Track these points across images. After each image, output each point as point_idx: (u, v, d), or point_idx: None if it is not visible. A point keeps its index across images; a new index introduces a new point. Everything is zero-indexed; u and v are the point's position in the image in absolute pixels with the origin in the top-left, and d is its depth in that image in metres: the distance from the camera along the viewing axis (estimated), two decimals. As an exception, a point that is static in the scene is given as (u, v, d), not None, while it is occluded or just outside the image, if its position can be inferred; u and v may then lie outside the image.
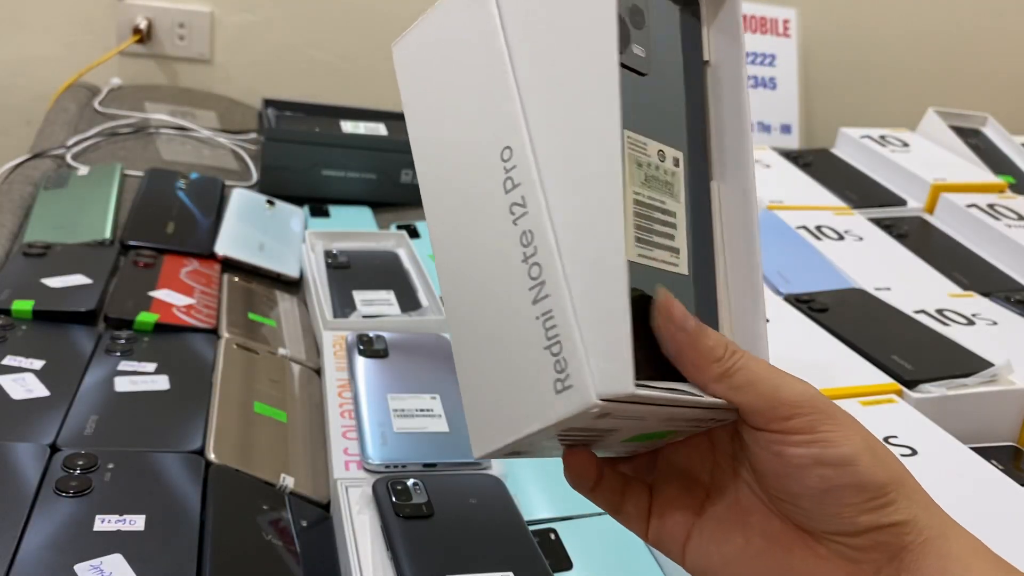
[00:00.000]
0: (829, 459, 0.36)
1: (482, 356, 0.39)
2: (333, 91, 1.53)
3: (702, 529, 0.40)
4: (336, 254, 0.92)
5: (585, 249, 0.35)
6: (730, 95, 0.41)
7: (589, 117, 0.36)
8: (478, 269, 0.39)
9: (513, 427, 0.36)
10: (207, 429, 0.64)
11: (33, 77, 1.48)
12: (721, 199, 0.41)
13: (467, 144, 0.40)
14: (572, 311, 0.35)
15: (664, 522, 0.41)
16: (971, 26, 1.76)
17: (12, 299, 0.76)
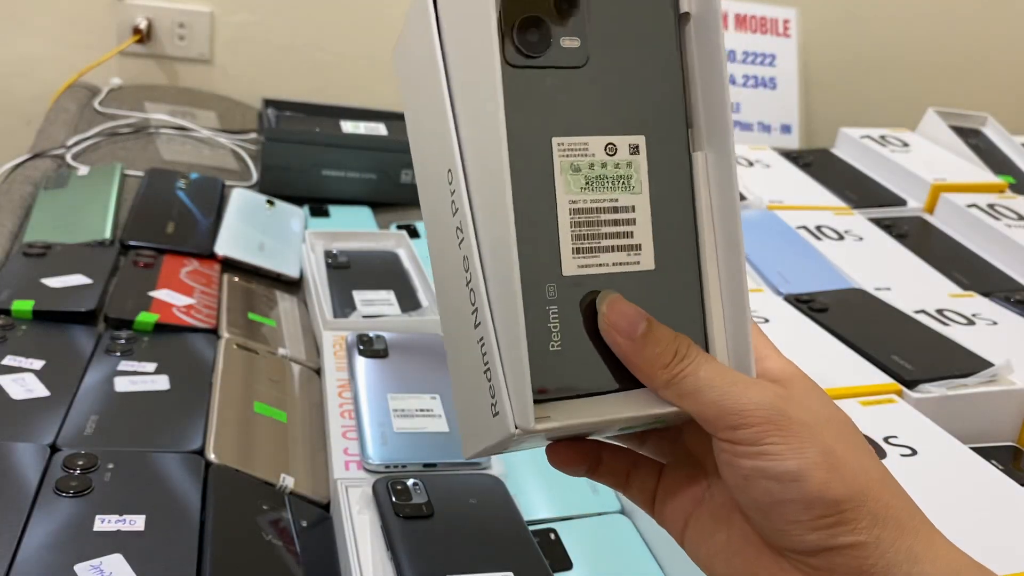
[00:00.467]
0: (773, 472, 0.35)
1: (457, 368, 0.40)
2: (333, 91, 1.53)
3: (697, 519, 0.40)
4: (336, 254, 0.92)
5: (499, 276, 0.35)
6: (709, 48, 0.38)
7: (486, 139, 0.34)
8: (447, 289, 0.39)
9: (479, 438, 0.38)
10: (207, 429, 0.64)
11: (33, 77, 1.48)
12: (708, 169, 0.38)
13: (432, 159, 0.39)
14: (495, 340, 0.35)
15: (666, 507, 0.41)
16: (971, 26, 1.76)
17: (12, 299, 0.76)
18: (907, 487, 0.54)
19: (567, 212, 0.36)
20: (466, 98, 0.36)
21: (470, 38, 0.35)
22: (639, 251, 0.37)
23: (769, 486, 0.35)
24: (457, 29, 0.36)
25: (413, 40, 0.39)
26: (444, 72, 0.36)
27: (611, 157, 0.37)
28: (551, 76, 0.36)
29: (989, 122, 1.37)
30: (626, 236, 0.37)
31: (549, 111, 0.35)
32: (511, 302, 0.34)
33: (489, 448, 0.37)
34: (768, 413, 0.35)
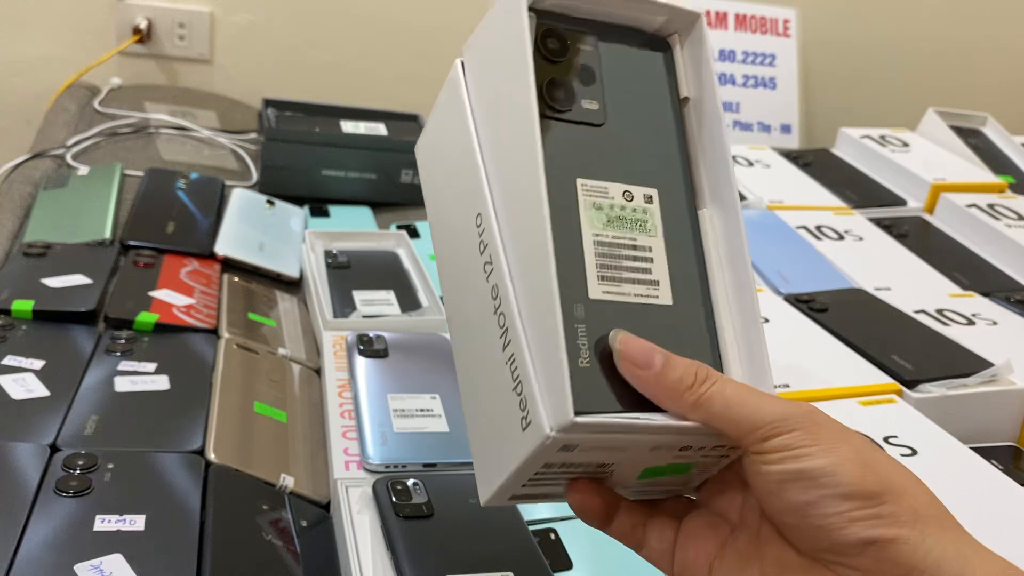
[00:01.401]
0: (807, 471, 0.35)
1: (478, 405, 0.42)
2: (333, 91, 1.53)
3: (723, 561, 0.40)
4: (336, 254, 0.92)
5: (533, 294, 0.38)
6: (709, 126, 0.43)
7: (522, 175, 0.39)
8: (471, 327, 0.42)
9: (500, 469, 0.39)
10: (207, 429, 0.64)
11: (33, 77, 1.48)
12: (714, 224, 0.43)
13: (458, 216, 0.43)
14: (527, 352, 0.37)
15: (688, 554, 0.41)
16: (971, 26, 1.76)
17: (12, 299, 0.76)
18: (907, 487, 0.54)
19: (591, 243, 0.39)
20: (500, 146, 0.41)
21: (508, 94, 0.40)
22: (657, 287, 0.40)
23: (804, 485, 0.36)
24: (491, 91, 0.42)
25: (443, 116, 0.45)
26: (475, 132, 0.42)
27: (628, 202, 0.41)
28: (575, 129, 0.41)
29: (989, 122, 1.37)
30: (645, 272, 0.40)
31: (574, 157, 0.40)
32: (548, 311, 0.37)
33: (512, 477, 0.38)
34: (799, 421, 0.36)
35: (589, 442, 0.36)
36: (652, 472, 0.40)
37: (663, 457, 0.39)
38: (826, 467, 0.35)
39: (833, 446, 0.36)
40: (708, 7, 1.57)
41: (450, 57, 0.46)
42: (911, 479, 0.37)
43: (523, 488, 0.39)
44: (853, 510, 0.35)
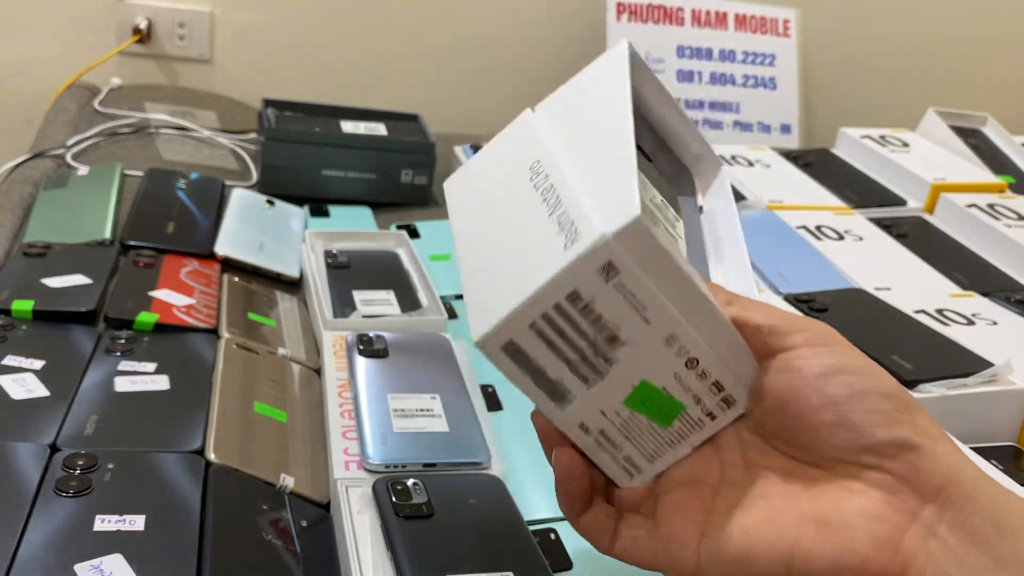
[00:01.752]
0: (849, 367, 0.36)
1: (491, 256, 0.42)
2: (333, 91, 1.53)
3: (713, 520, 0.39)
4: (336, 254, 0.92)
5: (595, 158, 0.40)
6: (726, 232, 0.50)
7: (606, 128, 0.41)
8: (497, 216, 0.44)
9: (517, 293, 0.37)
10: (207, 429, 0.64)
11: (33, 77, 1.48)
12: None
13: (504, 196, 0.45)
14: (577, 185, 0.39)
15: (671, 528, 0.40)
16: (971, 26, 1.76)
17: (12, 299, 0.76)
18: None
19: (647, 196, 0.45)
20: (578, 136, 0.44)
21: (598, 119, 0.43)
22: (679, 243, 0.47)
23: (847, 380, 0.36)
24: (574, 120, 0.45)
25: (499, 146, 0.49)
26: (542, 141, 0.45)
27: (667, 212, 0.48)
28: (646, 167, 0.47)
29: (989, 122, 1.37)
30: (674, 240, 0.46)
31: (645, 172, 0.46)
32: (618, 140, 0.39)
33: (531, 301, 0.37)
34: (825, 329, 0.38)
35: (630, 273, 0.36)
36: (641, 397, 0.39)
37: (667, 367, 0.39)
38: (867, 365, 0.36)
39: (862, 354, 0.37)
40: (708, 7, 1.57)
41: (450, 57, 0.47)
42: None
43: (527, 334, 0.38)
44: (894, 411, 0.35)
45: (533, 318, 0.37)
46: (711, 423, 0.41)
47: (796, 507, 0.37)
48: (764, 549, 0.37)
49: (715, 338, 0.38)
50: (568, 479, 0.41)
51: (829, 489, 0.37)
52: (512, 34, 1.61)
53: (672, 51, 1.56)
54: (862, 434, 0.35)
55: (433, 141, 1.15)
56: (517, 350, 0.38)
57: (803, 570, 0.36)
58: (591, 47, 1.58)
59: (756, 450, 0.40)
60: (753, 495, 0.39)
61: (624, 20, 1.53)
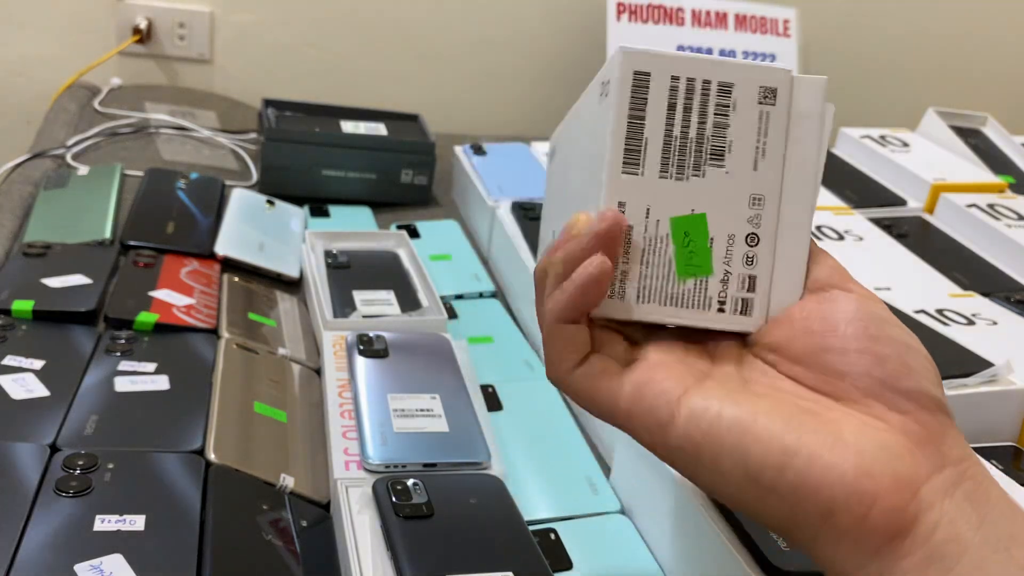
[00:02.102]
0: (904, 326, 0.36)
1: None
2: (333, 91, 1.53)
3: (706, 387, 0.36)
4: (336, 254, 0.92)
5: None
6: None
7: None
8: None
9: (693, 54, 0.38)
10: (207, 429, 0.64)
11: (33, 77, 1.48)
12: None
13: None
14: None
15: (654, 376, 0.36)
16: (971, 26, 1.76)
17: (12, 299, 0.76)
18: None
19: None
20: None
21: None
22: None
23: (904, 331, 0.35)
24: None
25: None
26: None
27: None
28: None
29: (989, 122, 1.37)
30: None
31: None
32: None
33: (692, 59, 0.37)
34: None
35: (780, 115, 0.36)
36: (686, 228, 0.37)
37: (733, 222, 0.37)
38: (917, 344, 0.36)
39: None
40: (708, 7, 1.57)
41: (450, 57, 0.46)
42: None
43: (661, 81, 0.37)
44: (939, 379, 0.35)
45: (682, 73, 0.37)
46: (715, 315, 0.38)
47: (809, 417, 0.34)
48: (764, 432, 0.33)
49: (788, 236, 0.37)
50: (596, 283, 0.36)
51: (848, 417, 0.34)
52: (512, 34, 1.61)
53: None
54: (911, 377, 0.34)
55: (433, 141, 1.15)
56: (643, 86, 0.37)
57: (803, 475, 0.32)
58: (591, 47, 1.58)
59: (758, 371, 0.37)
60: (755, 393, 0.35)
61: (624, 20, 1.53)
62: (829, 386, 0.35)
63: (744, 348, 0.38)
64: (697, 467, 0.35)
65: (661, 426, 0.35)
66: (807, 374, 0.36)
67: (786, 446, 0.33)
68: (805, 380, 0.36)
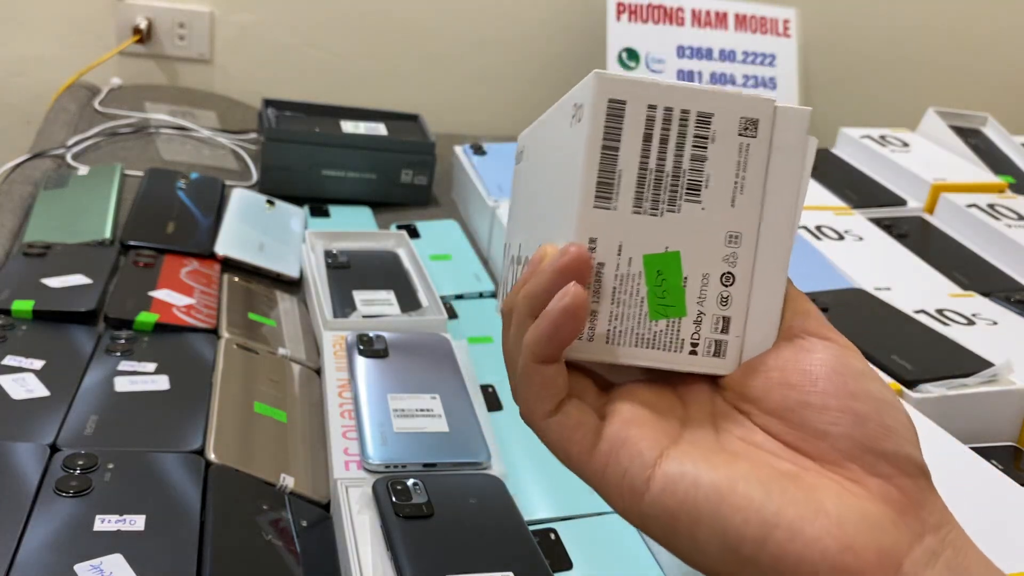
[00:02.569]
0: (882, 379, 0.34)
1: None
2: (333, 91, 1.53)
3: (682, 449, 0.34)
4: (336, 254, 0.92)
5: None
6: None
7: None
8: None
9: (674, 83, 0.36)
10: (207, 429, 0.64)
11: (33, 77, 1.48)
12: None
13: None
14: None
15: (630, 436, 0.34)
16: (971, 26, 1.76)
17: (12, 299, 0.76)
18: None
19: None
20: None
21: None
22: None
23: (884, 386, 0.34)
24: None
25: None
26: None
27: None
28: None
29: (989, 122, 1.37)
30: None
31: None
32: None
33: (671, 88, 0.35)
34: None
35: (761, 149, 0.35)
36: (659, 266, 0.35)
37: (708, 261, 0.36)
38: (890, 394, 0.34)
39: None
40: (708, 7, 1.57)
41: (450, 57, 0.45)
42: None
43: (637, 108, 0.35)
44: (917, 437, 0.34)
45: (659, 101, 0.35)
46: (687, 357, 0.36)
47: (790, 483, 0.32)
48: (743, 501, 0.32)
49: (765, 276, 0.35)
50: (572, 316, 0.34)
51: (827, 482, 0.32)
52: (512, 34, 1.61)
53: (672, 51, 1.56)
54: (891, 439, 0.33)
55: (433, 141, 1.15)
56: (617, 115, 0.35)
57: (785, 549, 0.31)
58: (591, 47, 1.58)
59: (732, 422, 0.35)
60: (731, 453, 0.34)
61: (624, 20, 1.53)
62: (807, 444, 0.34)
63: (715, 391, 0.37)
64: (673, 537, 0.33)
65: (635, 493, 0.33)
66: (784, 429, 0.34)
67: (766, 518, 0.31)
68: (781, 435, 0.34)
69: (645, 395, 0.36)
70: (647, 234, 0.35)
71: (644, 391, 0.36)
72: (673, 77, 1.56)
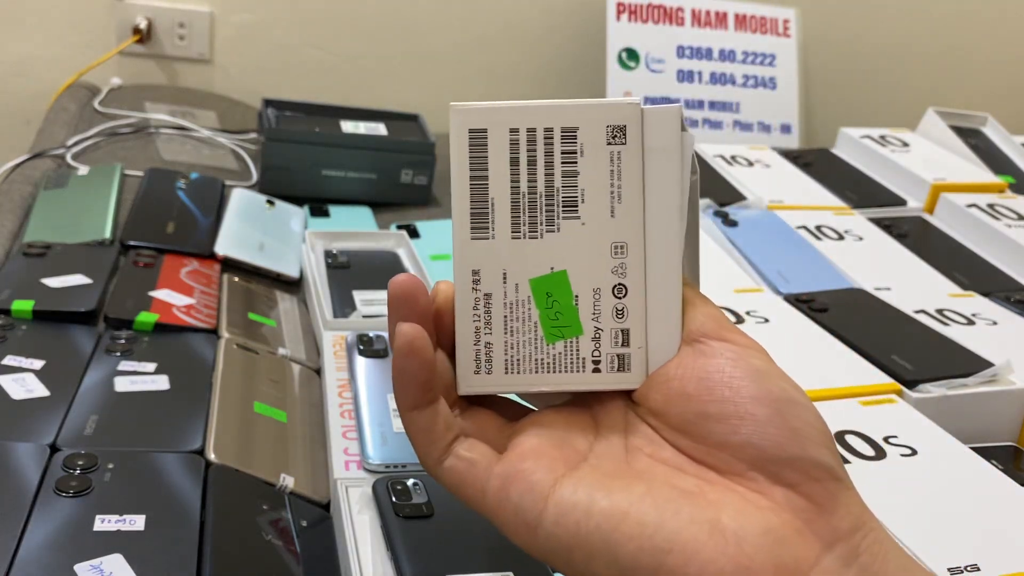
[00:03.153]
0: (786, 377, 0.32)
1: None
2: (333, 91, 1.53)
3: (577, 477, 0.32)
4: (336, 254, 0.92)
5: None
6: None
7: None
8: None
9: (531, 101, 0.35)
10: (207, 429, 0.64)
11: (33, 77, 1.48)
12: None
13: None
14: None
15: (524, 469, 0.33)
16: (971, 26, 1.76)
17: (12, 299, 0.76)
18: (907, 487, 0.54)
19: None
20: None
21: None
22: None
23: (787, 385, 0.32)
24: None
25: None
26: None
27: None
28: None
29: (989, 122, 1.37)
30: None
31: None
32: None
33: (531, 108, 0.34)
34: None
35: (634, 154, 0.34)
36: (547, 288, 0.35)
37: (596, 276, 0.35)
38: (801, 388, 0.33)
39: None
40: (708, 7, 1.57)
41: (450, 57, 0.45)
42: None
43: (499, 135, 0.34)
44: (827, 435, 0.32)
45: (520, 124, 0.34)
46: (591, 376, 0.35)
47: (686, 502, 0.31)
48: (635, 528, 0.30)
49: (658, 282, 0.34)
50: (408, 355, 0.33)
51: (730, 496, 0.31)
52: (512, 34, 1.61)
53: (672, 51, 1.56)
54: (795, 443, 0.31)
55: (433, 141, 1.15)
56: (480, 144, 0.34)
57: (676, 573, 0.30)
58: (591, 47, 1.58)
59: (643, 438, 0.34)
60: (632, 475, 0.33)
61: (624, 20, 1.53)
62: (711, 457, 0.32)
63: (628, 407, 0.35)
64: (569, 568, 0.32)
65: (528, 527, 0.32)
66: (688, 443, 0.33)
67: (658, 543, 0.30)
68: (687, 449, 0.33)
69: (553, 420, 0.35)
70: (530, 258, 0.35)
71: (553, 417, 0.35)
72: (673, 77, 1.56)
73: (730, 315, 0.80)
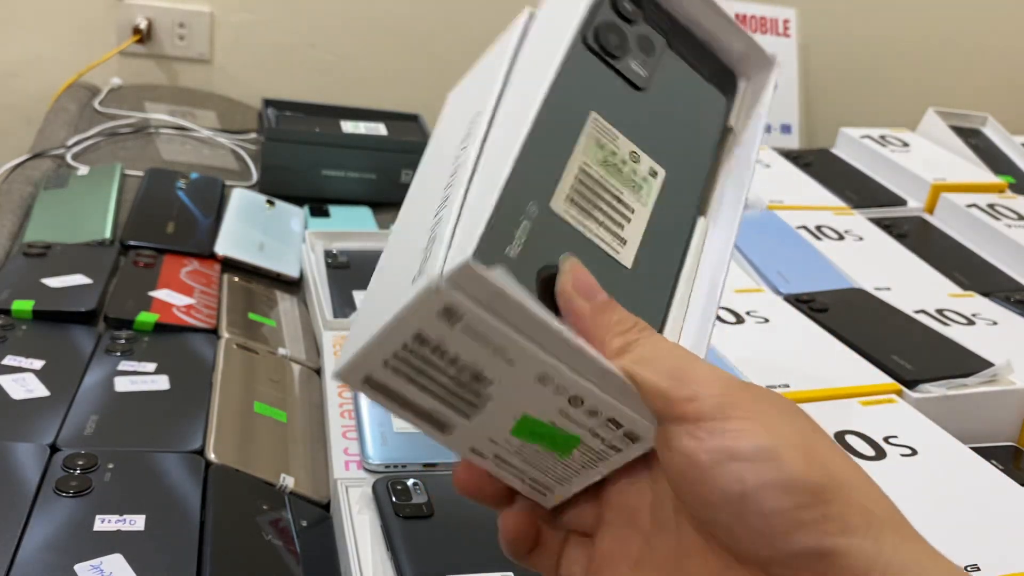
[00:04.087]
0: (743, 451, 0.29)
1: (379, 285, 0.39)
2: (333, 91, 1.53)
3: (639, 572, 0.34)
4: (336, 254, 0.92)
5: (494, 153, 0.35)
6: (741, 154, 0.43)
7: (536, 75, 0.37)
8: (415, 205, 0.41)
9: (368, 332, 0.32)
10: (207, 429, 0.64)
11: (33, 77, 1.48)
12: (706, 234, 0.41)
13: (451, 134, 0.41)
14: (460, 200, 0.33)
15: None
16: (971, 26, 1.76)
17: (12, 299, 0.76)
18: (907, 487, 0.54)
19: (577, 168, 0.36)
20: (529, 63, 0.39)
21: (557, 19, 0.38)
22: (623, 244, 0.37)
23: (739, 469, 0.29)
24: (546, 25, 0.40)
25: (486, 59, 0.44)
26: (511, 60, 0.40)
27: (633, 163, 0.38)
28: (612, 77, 0.38)
29: (989, 122, 1.37)
30: (617, 225, 0.37)
31: (598, 94, 0.37)
32: (500, 166, 0.33)
33: (376, 341, 0.32)
34: (727, 387, 0.31)
35: (476, 317, 0.30)
36: (529, 429, 0.34)
37: (548, 404, 0.33)
38: (767, 448, 0.29)
39: (771, 424, 0.30)
40: (708, 7, 1.57)
41: (450, 57, 0.46)
42: (857, 469, 0.31)
43: (383, 371, 0.33)
44: (797, 508, 0.29)
45: (384, 357, 0.32)
46: (617, 455, 0.35)
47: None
48: None
49: (600, 380, 0.32)
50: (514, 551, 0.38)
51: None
52: (512, 34, 1.61)
53: (672, 51, 1.55)
54: (763, 544, 0.30)
55: (433, 141, 1.14)
56: (380, 384, 0.34)
57: None
58: (591, 47, 1.58)
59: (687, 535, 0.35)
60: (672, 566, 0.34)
61: (624, 20, 1.53)
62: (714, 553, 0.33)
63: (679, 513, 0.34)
64: None
65: None
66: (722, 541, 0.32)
67: None
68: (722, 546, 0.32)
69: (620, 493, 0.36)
70: (493, 421, 0.34)
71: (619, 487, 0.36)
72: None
73: (730, 315, 0.80)
